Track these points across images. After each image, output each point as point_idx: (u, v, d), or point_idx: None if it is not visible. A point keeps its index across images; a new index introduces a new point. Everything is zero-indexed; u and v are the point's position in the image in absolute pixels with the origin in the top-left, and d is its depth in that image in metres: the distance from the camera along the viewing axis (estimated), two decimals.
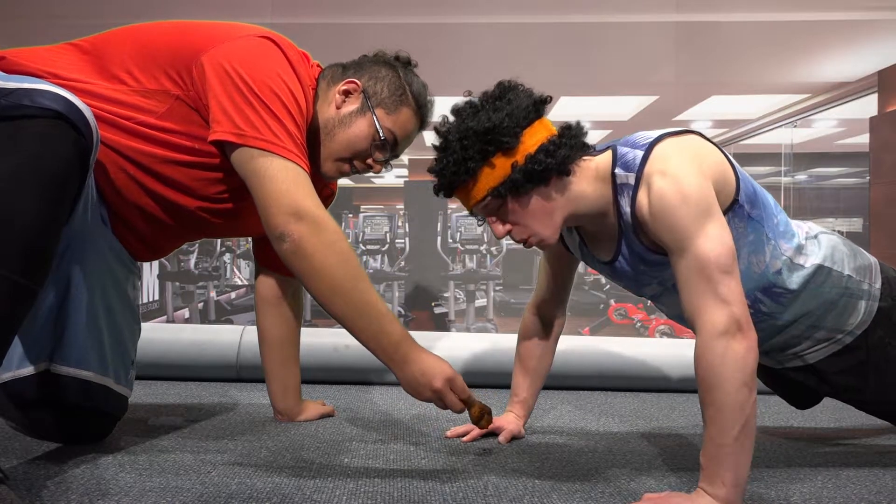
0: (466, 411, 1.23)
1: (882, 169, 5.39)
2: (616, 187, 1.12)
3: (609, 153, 1.15)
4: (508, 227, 1.15)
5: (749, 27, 5.13)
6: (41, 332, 1.22)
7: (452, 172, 1.11)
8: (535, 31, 5.01)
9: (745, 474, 0.98)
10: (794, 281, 1.18)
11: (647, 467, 1.26)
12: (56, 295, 1.21)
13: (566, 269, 1.41)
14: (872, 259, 1.27)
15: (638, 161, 1.09)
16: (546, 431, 1.55)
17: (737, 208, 1.11)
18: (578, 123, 1.16)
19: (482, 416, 1.24)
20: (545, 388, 1.50)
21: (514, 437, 1.44)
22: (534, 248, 1.19)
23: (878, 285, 1.24)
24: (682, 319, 1.29)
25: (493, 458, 1.31)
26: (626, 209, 1.11)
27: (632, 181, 1.09)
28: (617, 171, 1.12)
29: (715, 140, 1.16)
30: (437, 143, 1.14)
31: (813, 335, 1.24)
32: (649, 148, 1.09)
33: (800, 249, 1.19)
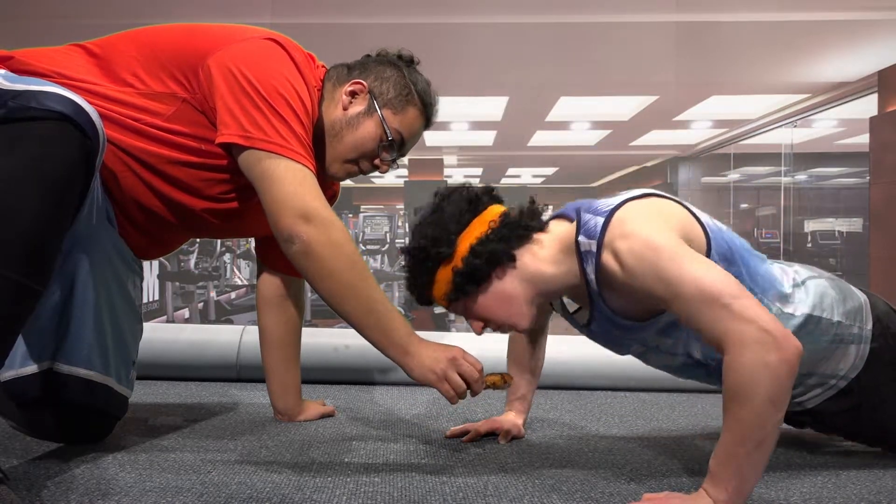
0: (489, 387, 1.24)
1: (882, 169, 5.40)
2: (580, 255, 1.11)
3: (572, 224, 1.15)
4: (481, 322, 1.19)
5: (749, 27, 5.13)
6: (44, 330, 1.22)
7: (414, 290, 1.20)
8: (535, 31, 5.01)
9: (750, 487, 0.97)
10: None
11: (647, 467, 1.26)
12: (60, 294, 1.21)
13: (544, 306, 1.41)
14: (862, 298, 1.24)
15: (599, 227, 1.08)
16: (546, 431, 1.55)
17: None
18: (531, 204, 1.18)
19: (503, 379, 1.24)
20: (546, 388, 1.50)
21: (514, 437, 1.44)
22: None
23: (868, 327, 1.21)
24: (672, 372, 1.29)
25: (493, 458, 1.31)
26: (592, 276, 1.10)
27: (594, 248, 1.08)
28: (580, 238, 1.11)
29: (715, 140, 1.16)
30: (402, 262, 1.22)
31: (805, 381, 1.22)
32: (610, 214, 1.08)
33: (787, 299, 1.16)
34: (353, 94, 1.37)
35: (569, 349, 2.07)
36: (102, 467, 1.18)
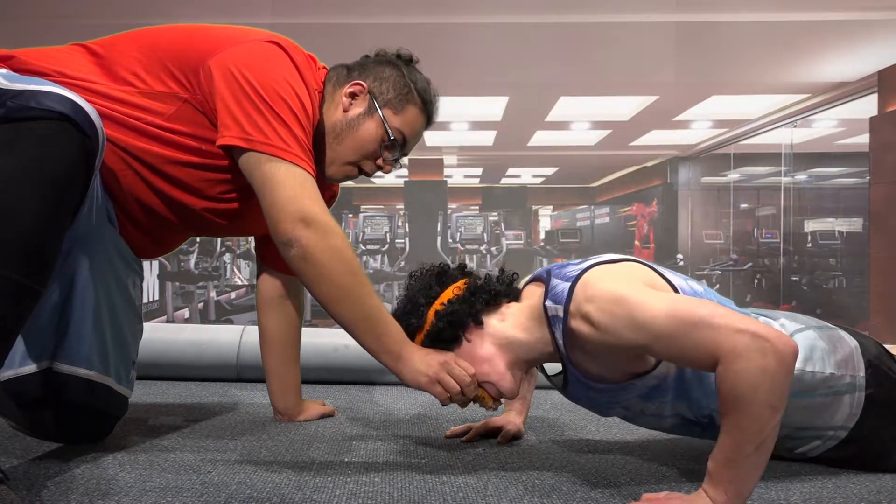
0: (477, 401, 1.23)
1: (882, 169, 5.40)
2: (549, 320, 1.12)
3: (540, 289, 1.16)
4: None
5: (749, 27, 5.13)
6: (44, 330, 1.22)
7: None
8: (535, 31, 5.01)
9: (750, 489, 0.96)
10: None
11: (647, 467, 1.26)
12: (60, 293, 1.21)
13: None
14: (853, 344, 1.21)
15: (565, 294, 1.09)
16: (546, 431, 1.55)
17: None
18: (501, 273, 1.23)
19: (493, 399, 1.24)
20: (546, 388, 1.50)
21: (514, 437, 1.44)
22: (535, 248, 1.20)
23: (861, 374, 1.18)
24: (663, 430, 1.27)
25: (493, 458, 1.31)
26: (560, 341, 1.11)
27: (561, 314, 1.09)
28: (547, 303, 1.12)
29: (715, 140, 1.16)
30: None
31: (803, 435, 1.21)
32: (575, 280, 1.09)
33: None
34: (352, 96, 1.37)
35: None
36: (102, 467, 1.18)
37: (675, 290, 1.10)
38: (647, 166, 10.19)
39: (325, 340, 2.11)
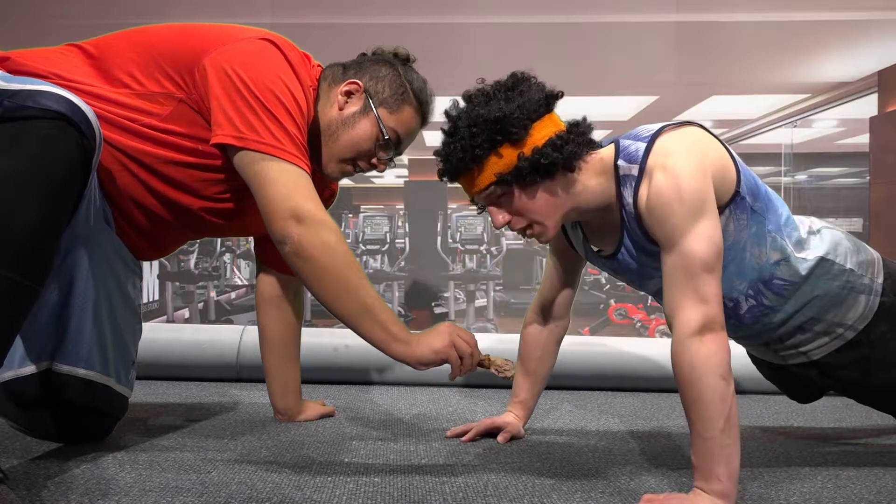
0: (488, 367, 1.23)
1: (882, 169, 5.39)
2: (619, 179, 1.13)
3: (612, 147, 1.16)
4: (508, 216, 1.15)
5: (749, 27, 5.12)
6: (43, 330, 1.22)
7: (459, 158, 1.11)
8: (535, 31, 5.01)
9: (736, 465, 0.99)
10: (796, 273, 1.18)
11: (647, 467, 1.26)
12: (59, 294, 1.21)
13: (572, 269, 1.41)
14: (875, 254, 1.26)
15: (641, 153, 1.10)
16: (546, 431, 1.55)
17: (739, 200, 1.11)
18: (585, 119, 1.17)
19: (501, 365, 1.24)
20: (546, 388, 1.50)
21: (514, 437, 1.44)
22: (535, 248, 1.20)
23: (880, 280, 1.23)
24: None
25: (493, 458, 1.31)
26: (629, 200, 1.12)
27: (635, 172, 1.10)
28: (620, 162, 1.13)
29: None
30: (445, 128, 1.14)
31: (813, 328, 1.23)
32: (652, 139, 1.10)
33: (802, 244, 1.19)
34: (348, 94, 1.37)
35: (569, 349, 2.07)
36: (102, 467, 1.18)
37: (739, 173, 1.12)
38: None
39: (325, 340, 2.11)
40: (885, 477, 1.22)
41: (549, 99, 1.14)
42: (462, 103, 1.14)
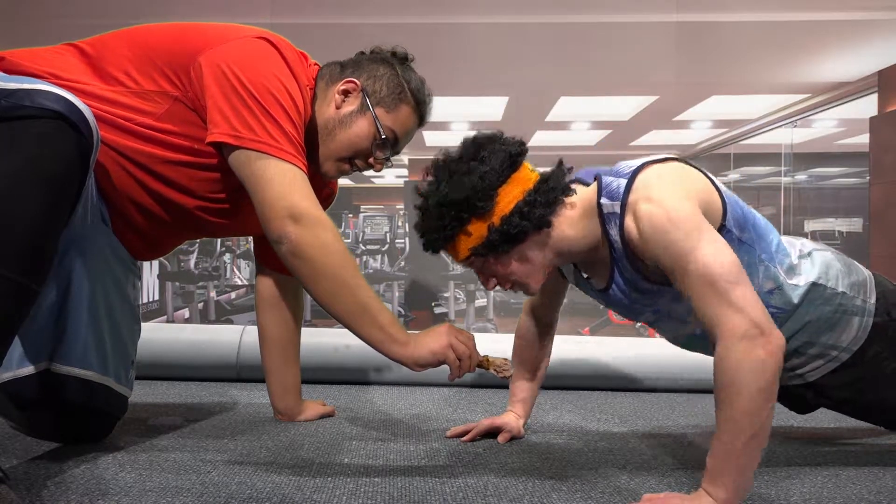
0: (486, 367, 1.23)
1: (882, 169, 5.39)
2: (603, 217, 1.12)
3: (594, 186, 1.15)
4: (495, 280, 1.17)
5: (749, 27, 5.12)
6: (42, 331, 1.22)
7: (434, 238, 1.14)
8: (535, 31, 5.00)
9: (748, 481, 0.98)
10: (789, 301, 1.17)
11: (647, 467, 1.26)
12: (57, 294, 1.21)
13: (558, 287, 1.41)
14: (867, 273, 1.26)
15: (622, 189, 1.09)
16: (546, 431, 1.55)
17: (724, 233, 1.09)
18: (561, 165, 1.16)
19: (496, 365, 1.24)
20: (545, 388, 1.50)
21: (514, 437, 1.44)
22: None
23: (872, 301, 1.22)
24: (679, 342, 1.30)
25: (493, 458, 1.31)
26: (616, 237, 1.11)
27: (617, 209, 1.09)
28: (602, 200, 1.12)
29: (715, 140, 1.16)
30: (417, 204, 1.17)
31: (807, 352, 1.23)
32: (632, 176, 1.09)
33: (793, 269, 1.18)
34: (345, 93, 1.37)
35: (569, 349, 2.07)
36: (102, 467, 1.18)
37: (722, 197, 1.11)
38: None
39: (325, 340, 2.11)
40: (885, 477, 1.22)
41: (515, 158, 1.14)
42: (430, 177, 1.16)
